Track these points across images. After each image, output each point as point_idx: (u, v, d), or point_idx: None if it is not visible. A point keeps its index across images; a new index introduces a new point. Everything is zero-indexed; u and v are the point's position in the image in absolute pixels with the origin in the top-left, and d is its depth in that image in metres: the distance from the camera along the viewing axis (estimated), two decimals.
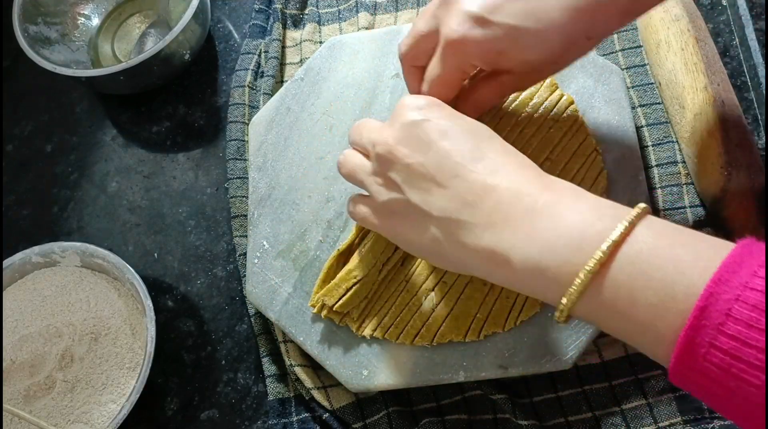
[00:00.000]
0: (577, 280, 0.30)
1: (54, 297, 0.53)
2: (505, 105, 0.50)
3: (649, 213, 0.31)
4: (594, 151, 0.49)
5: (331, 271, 0.47)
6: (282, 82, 0.62)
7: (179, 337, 0.55)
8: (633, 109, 0.54)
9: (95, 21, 0.68)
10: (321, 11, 0.65)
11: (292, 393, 0.51)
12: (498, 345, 0.45)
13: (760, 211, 0.47)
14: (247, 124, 0.60)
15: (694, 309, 0.27)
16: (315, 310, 0.47)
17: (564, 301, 0.31)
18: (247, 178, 0.57)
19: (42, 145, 0.65)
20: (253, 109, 0.60)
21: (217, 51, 0.66)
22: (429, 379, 0.45)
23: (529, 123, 0.49)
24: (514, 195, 0.33)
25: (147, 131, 0.64)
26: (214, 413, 0.52)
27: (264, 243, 0.51)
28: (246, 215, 0.56)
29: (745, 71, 0.55)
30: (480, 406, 0.47)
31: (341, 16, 0.64)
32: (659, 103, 0.54)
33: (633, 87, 0.55)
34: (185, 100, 0.64)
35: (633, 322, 0.29)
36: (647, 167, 0.52)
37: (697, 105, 0.50)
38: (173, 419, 0.52)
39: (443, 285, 0.46)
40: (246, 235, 0.55)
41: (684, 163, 0.52)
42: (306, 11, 0.65)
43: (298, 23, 0.65)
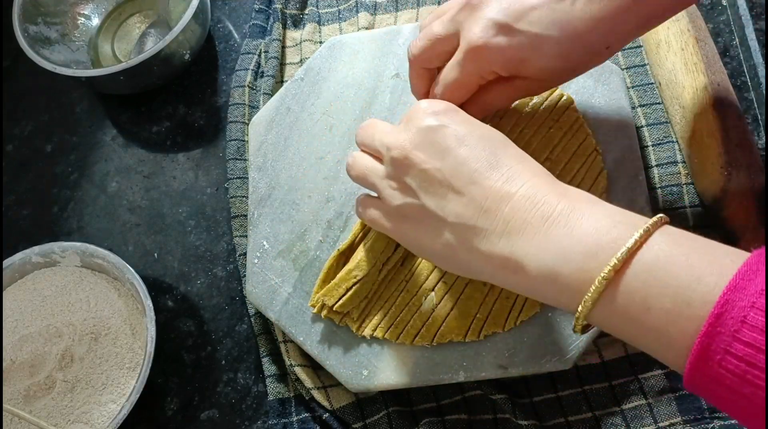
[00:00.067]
0: (592, 288, 0.30)
1: (54, 297, 0.53)
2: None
3: (667, 223, 0.31)
4: (594, 151, 0.49)
5: (331, 271, 0.47)
6: (282, 82, 0.62)
7: (179, 337, 0.55)
8: (633, 109, 0.54)
9: (95, 21, 0.67)
10: (321, 11, 0.65)
11: (292, 393, 0.51)
12: (498, 345, 0.45)
13: (760, 211, 0.47)
14: (247, 124, 0.60)
15: (709, 316, 0.27)
16: (315, 310, 0.47)
17: (579, 309, 0.31)
18: (247, 178, 0.57)
19: (42, 145, 0.65)
20: (253, 109, 0.60)
21: (217, 51, 0.66)
22: (429, 379, 0.45)
23: (529, 123, 0.49)
24: (530, 202, 0.33)
25: (147, 131, 0.64)
26: (214, 413, 0.52)
27: (264, 243, 0.51)
28: (246, 215, 0.56)
29: (745, 71, 0.55)
30: (480, 406, 0.47)
31: (341, 16, 0.64)
32: (659, 103, 0.54)
33: (633, 87, 0.55)
34: (185, 100, 0.64)
35: (647, 329, 0.29)
36: (647, 167, 0.52)
37: (697, 105, 0.50)
38: (173, 419, 0.53)
39: (443, 285, 0.46)
40: (246, 235, 0.55)
41: (684, 163, 0.52)
42: (306, 11, 0.65)
43: (298, 23, 0.65)
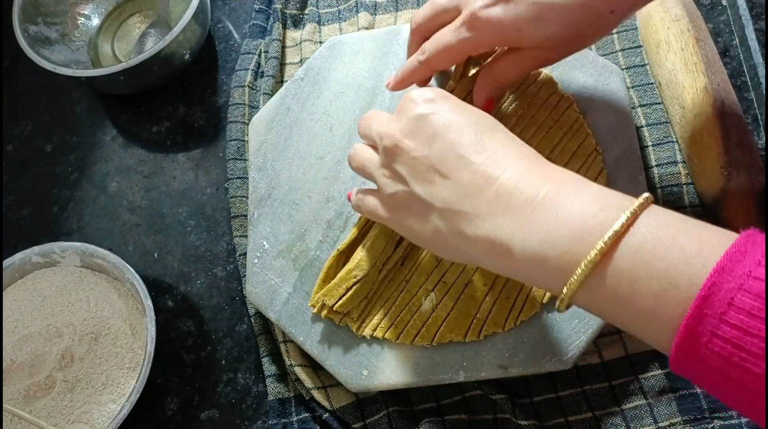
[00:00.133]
0: (578, 271, 0.30)
1: (54, 297, 0.53)
2: (505, 105, 0.50)
3: (653, 203, 0.31)
4: (594, 151, 0.49)
5: (331, 271, 0.47)
6: (282, 82, 0.62)
7: (179, 337, 0.55)
8: (633, 109, 0.54)
9: (95, 21, 0.67)
10: (321, 11, 0.65)
11: (292, 393, 0.51)
12: (498, 345, 0.45)
13: (760, 211, 0.47)
14: (247, 124, 0.60)
15: (696, 298, 0.26)
16: (315, 310, 0.47)
17: (564, 290, 0.31)
18: (247, 178, 0.57)
19: (42, 145, 0.65)
20: (253, 109, 0.60)
21: (217, 51, 0.66)
22: (429, 379, 0.45)
23: (529, 123, 0.49)
24: (514, 186, 0.33)
25: (147, 131, 0.64)
26: (214, 413, 0.52)
27: (264, 243, 0.51)
28: (246, 215, 0.56)
29: (745, 71, 0.55)
30: (480, 406, 0.47)
31: (341, 16, 0.64)
32: (659, 103, 0.54)
33: (633, 87, 0.55)
34: (185, 100, 0.64)
35: (635, 311, 0.29)
36: (647, 167, 0.52)
37: (697, 105, 0.50)
38: (173, 419, 0.52)
39: (443, 285, 0.46)
40: (246, 235, 0.55)
41: (684, 163, 0.52)
42: (306, 11, 0.65)
43: (298, 23, 0.65)
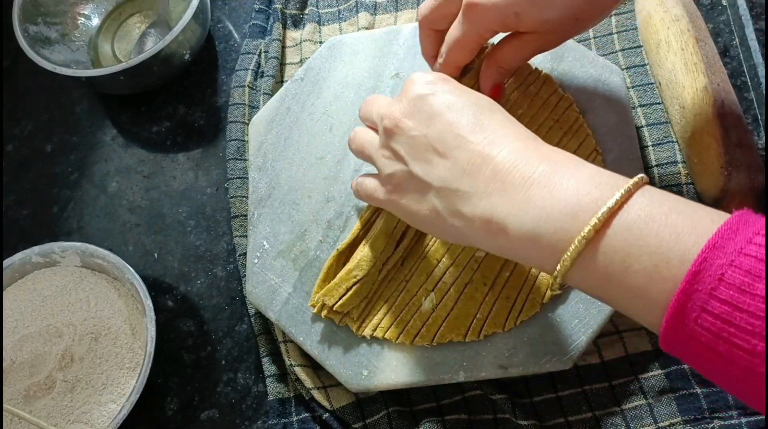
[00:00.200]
0: (572, 247, 0.30)
1: (54, 297, 0.53)
2: (504, 105, 0.50)
3: (648, 183, 0.31)
4: (594, 151, 0.49)
5: (331, 271, 0.47)
6: (282, 82, 0.62)
7: (179, 337, 0.55)
8: (633, 109, 0.54)
9: (95, 21, 0.68)
10: (321, 11, 0.65)
11: (292, 393, 0.51)
12: (498, 345, 0.45)
13: (760, 211, 0.47)
14: (247, 124, 0.60)
15: (687, 274, 0.27)
16: (315, 310, 0.47)
17: (558, 267, 0.31)
18: (247, 178, 0.57)
19: (42, 145, 0.65)
20: (253, 109, 0.60)
21: (217, 51, 0.66)
22: (429, 379, 0.45)
23: (529, 123, 0.49)
24: (511, 164, 0.33)
25: (147, 131, 0.64)
26: (214, 413, 0.52)
27: (264, 243, 0.51)
28: (246, 215, 0.56)
29: (745, 71, 0.55)
30: (480, 406, 0.47)
31: (341, 16, 0.64)
32: (659, 103, 0.54)
33: (633, 87, 0.55)
34: (185, 100, 0.64)
35: (626, 288, 0.29)
36: (647, 167, 0.52)
37: (697, 105, 0.50)
38: (173, 419, 0.52)
39: (443, 285, 0.46)
40: (246, 235, 0.55)
41: (684, 163, 0.52)
42: (306, 11, 0.65)
43: (298, 23, 0.65)
